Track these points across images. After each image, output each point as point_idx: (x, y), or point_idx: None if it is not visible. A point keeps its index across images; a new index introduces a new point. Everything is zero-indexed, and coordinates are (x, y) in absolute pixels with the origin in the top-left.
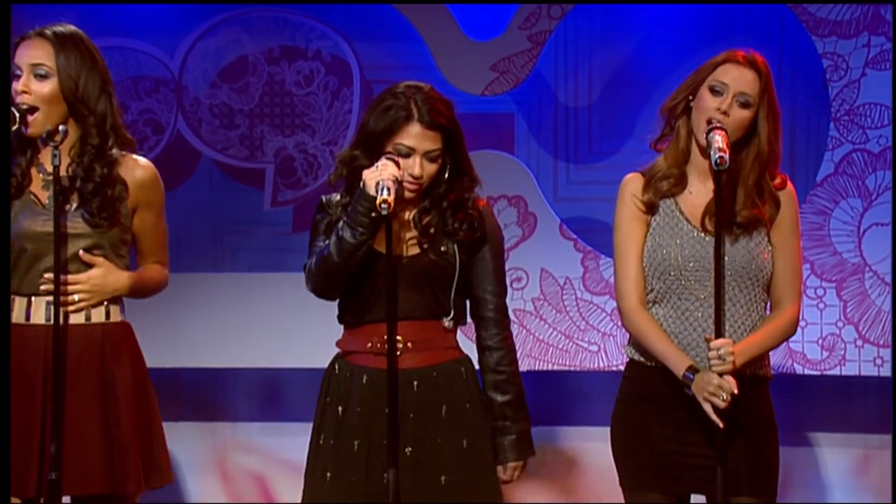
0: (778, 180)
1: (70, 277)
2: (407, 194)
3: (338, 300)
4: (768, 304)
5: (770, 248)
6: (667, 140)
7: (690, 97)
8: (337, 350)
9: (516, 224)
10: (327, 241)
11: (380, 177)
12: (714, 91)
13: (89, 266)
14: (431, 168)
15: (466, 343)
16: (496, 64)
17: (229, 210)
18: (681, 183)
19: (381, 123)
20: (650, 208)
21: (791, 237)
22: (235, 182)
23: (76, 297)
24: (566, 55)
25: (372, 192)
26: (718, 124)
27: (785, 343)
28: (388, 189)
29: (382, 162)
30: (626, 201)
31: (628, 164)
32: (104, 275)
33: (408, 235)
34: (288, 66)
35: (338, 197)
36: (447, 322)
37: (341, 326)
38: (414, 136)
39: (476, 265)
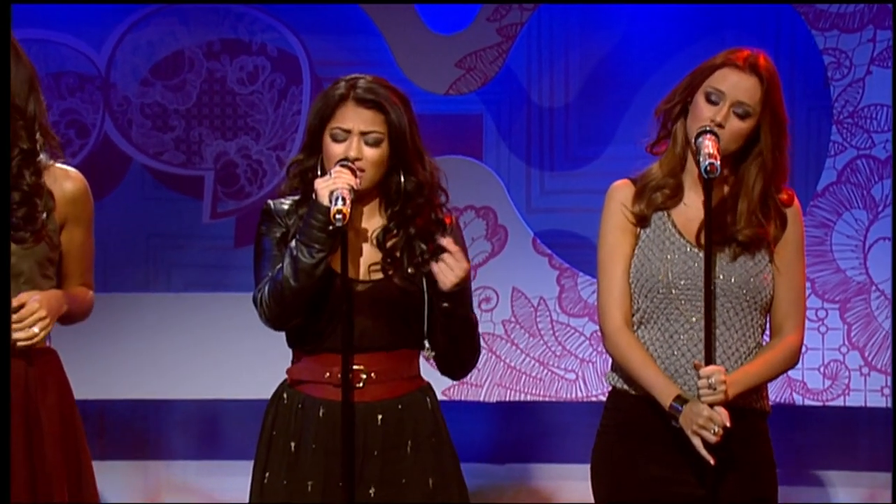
0: (784, 196)
1: (24, 309)
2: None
3: None
4: (766, 330)
5: (772, 269)
6: (664, 143)
7: (689, 99)
8: (284, 378)
9: (485, 238)
10: (279, 266)
11: (333, 185)
12: (709, 99)
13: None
14: (373, 153)
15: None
16: (462, 60)
17: (163, 222)
18: (677, 194)
19: (317, 112)
20: (641, 221)
21: (796, 258)
22: (170, 191)
23: (36, 328)
24: (540, 50)
25: (325, 202)
26: (710, 128)
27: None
28: (343, 199)
29: (336, 169)
30: (613, 211)
31: (610, 171)
32: (48, 293)
33: (370, 258)
34: (229, 62)
35: (286, 204)
36: (426, 352)
37: (290, 352)
38: (348, 115)
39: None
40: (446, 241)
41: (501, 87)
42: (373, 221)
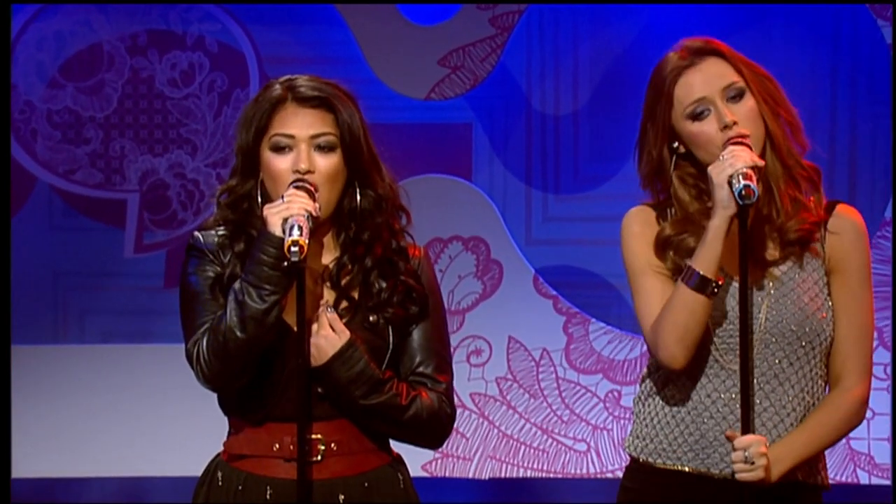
0: (813, 175)
1: None
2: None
3: None
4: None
5: (829, 302)
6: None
7: (675, 144)
8: (218, 452)
9: (475, 276)
10: (221, 313)
11: (287, 211)
12: (697, 117)
13: None
14: (327, 163)
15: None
16: (447, 56)
17: (76, 258)
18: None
19: (247, 123)
20: (678, 271)
21: (859, 287)
22: (85, 218)
23: None
24: (542, 45)
25: (277, 232)
26: (733, 137)
27: (845, 439)
28: (300, 227)
29: (289, 192)
30: (635, 240)
31: (628, 192)
32: None
33: (323, 300)
34: (158, 58)
35: (216, 234)
36: None
37: (226, 420)
38: (290, 119)
39: (408, 337)
40: (322, 312)
41: (495, 89)
42: (326, 254)
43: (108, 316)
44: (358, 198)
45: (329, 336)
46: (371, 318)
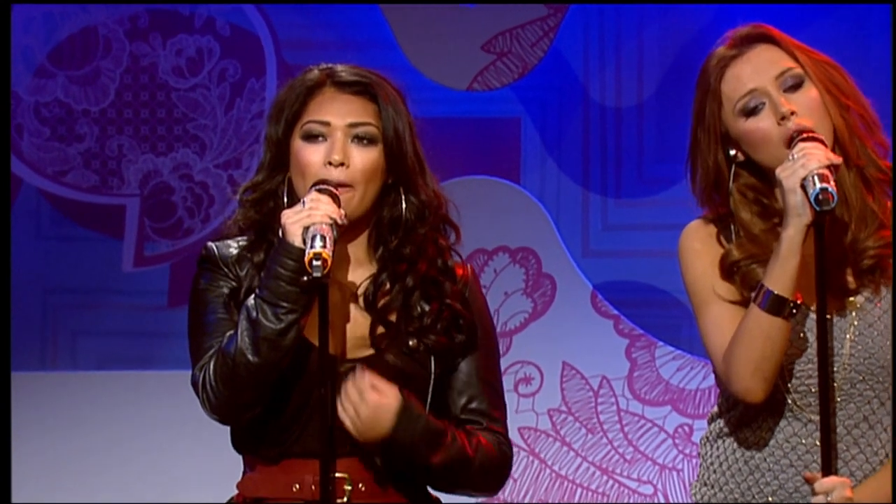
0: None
1: None
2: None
3: None
4: None
5: None
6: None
7: (731, 151)
8: (232, 496)
9: (523, 293)
10: (230, 334)
11: (308, 219)
12: (750, 113)
13: None
14: (365, 157)
15: None
16: (492, 40)
17: (68, 272)
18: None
19: (279, 109)
20: (747, 300)
21: None
22: (77, 227)
23: None
24: (602, 27)
25: (297, 242)
26: (801, 134)
27: None
28: (323, 237)
29: (311, 196)
30: (696, 257)
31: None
32: None
33: (357, 325)
34: (161, 44)
35: (235, 247)
36: None
37: (240, 458)
38: (327, 104)
39: (455, 368)
40: (359, 377)
41: (547, 78)
42: (360, 269)
43: (104, 339)
44: (403, 206)
45: (380, 403)
46: (411, 343)
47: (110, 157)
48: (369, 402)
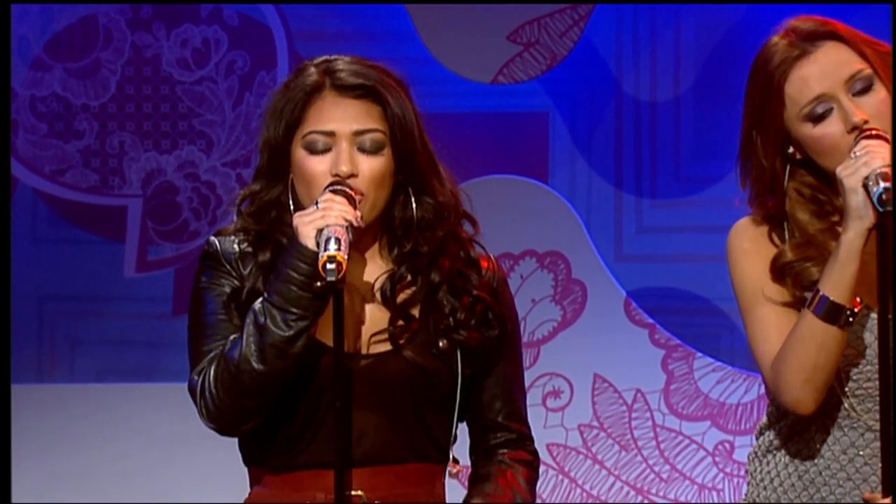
0: None
1: None
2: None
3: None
4: None
5: None
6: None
7: (787, 152)
8: None
9: (552, 300)
10: (234, 337)
11: (322, 221)
12: (817, 119)
13: None
14: (373, 165)
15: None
16: (518, 30)
17: (66, 278)
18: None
19: (276, 115)
20: (800, 303)
21: None
22: (76, 229)
23: None
24: (636, 16)
25: (310, 244)
26: (865, 132)
27: None
28: (338, 240)
29: (325, 197)
30: (749, 275)
31: (742, 196)
32: None
33: (373, 321)
34: (165, 34)
35: (237, 240)
36: (452, 469)
37: (247, 470)
38: (329, 111)
39: (484, 371)
40: None
41: (577, 70)
42: (372, 267)
43: (104, 349)
44: (414, 207)
45: None
46: (441, 344)
47: (111, 154)
48: None
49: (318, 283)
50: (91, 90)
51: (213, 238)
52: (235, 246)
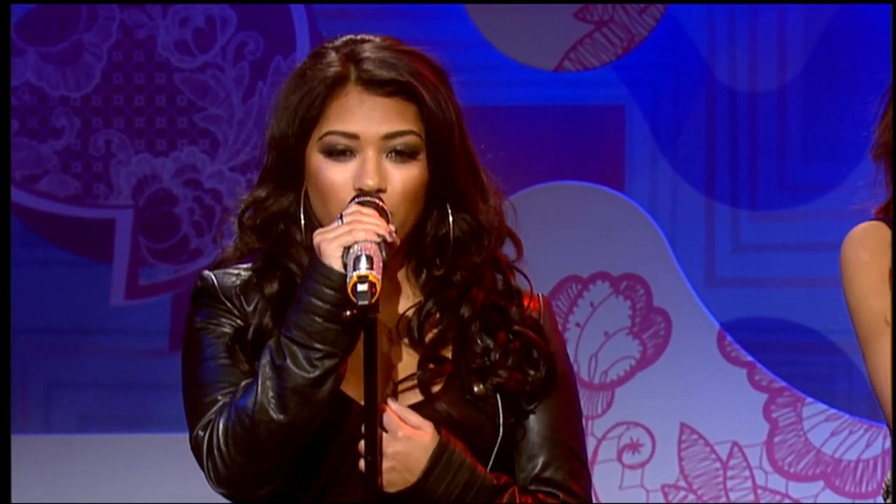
0: None
1: None
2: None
3: None
4: None
5: None
6: None
7: None
8: None
9: (629, 333)
10: (246, 383)
11: (350, 236)
12: None
13: None
14: (406, 175)
15: None
16: (588, 6)
17: (41, 306)
18: None
19: (290, 109)
20: None
21: None
22: (53, 247)
23: None
24: None
25: (336, 265)
26: None
27: None
28: (370, 258)
29: (352, 209)
30: (867, 293)
31: (859, 208)
32: None
33: (402, 365)
34: (161, 11)
35: (236, 273)
36: None
37: None
38: (353, 107)
39: (525, 421)
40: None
41: (659, 55)
42: (399, 299)
43: (86, 392)
44: (451, 224)
45: (413, 436)
46: (476, 389)
47: (95, 157)
48: (398, 436)
49: (348, 312)
50: (71, 79)
51: (206, 272)
52: (235, 279)
